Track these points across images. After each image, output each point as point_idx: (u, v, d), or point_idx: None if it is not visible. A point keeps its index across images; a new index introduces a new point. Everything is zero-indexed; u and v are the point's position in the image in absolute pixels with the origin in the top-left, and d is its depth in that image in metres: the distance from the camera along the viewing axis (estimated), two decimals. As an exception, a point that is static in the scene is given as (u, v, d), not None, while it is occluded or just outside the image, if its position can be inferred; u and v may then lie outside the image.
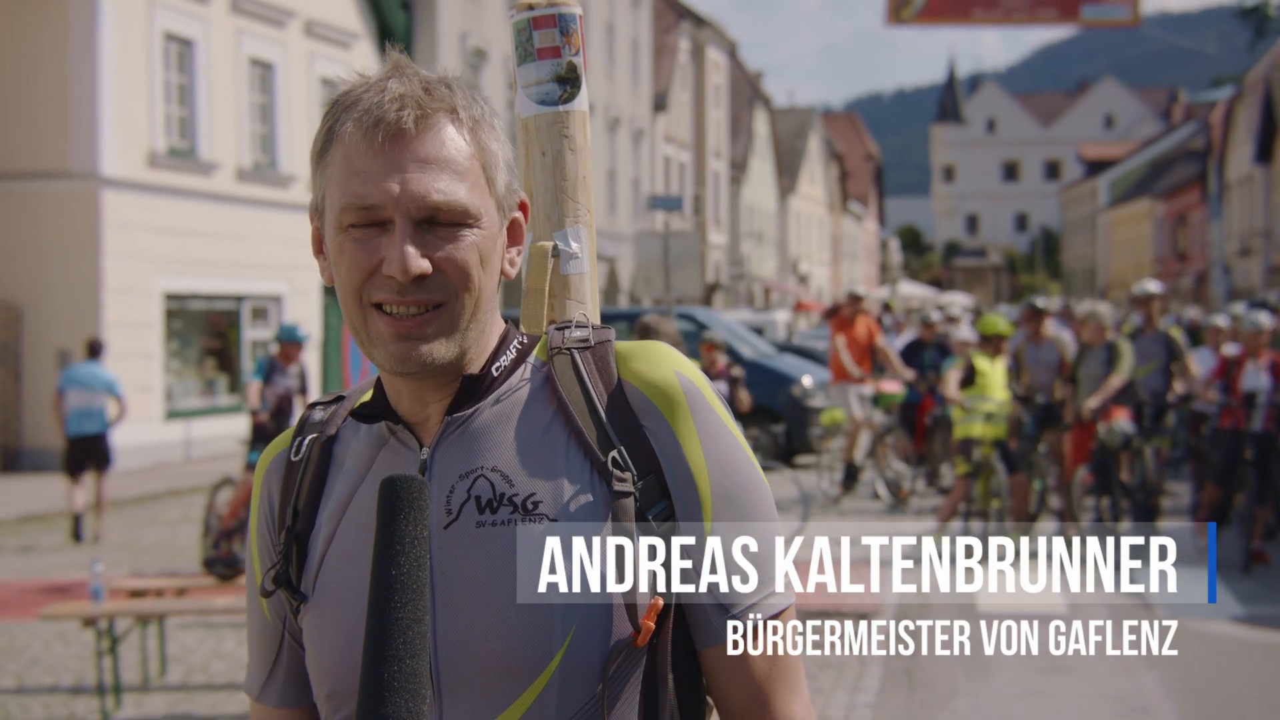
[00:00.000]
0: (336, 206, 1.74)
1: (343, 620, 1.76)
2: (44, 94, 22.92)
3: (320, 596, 1.80)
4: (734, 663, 1.76)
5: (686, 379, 1.78)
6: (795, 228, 76.13)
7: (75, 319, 22.82)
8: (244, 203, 26.36)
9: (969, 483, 12.96)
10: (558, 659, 1.68)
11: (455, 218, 1.72)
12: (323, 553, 1.81)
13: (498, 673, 1.69)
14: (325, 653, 1.78)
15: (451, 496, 1.74)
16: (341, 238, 1.74)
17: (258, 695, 1.95)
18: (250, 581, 1.92)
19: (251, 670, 1.96)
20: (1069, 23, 35.57)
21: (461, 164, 1.73)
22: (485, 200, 1.76)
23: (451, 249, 1.72)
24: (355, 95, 1.75)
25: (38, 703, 8.71)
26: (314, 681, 1.82)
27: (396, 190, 1.70)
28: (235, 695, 8.75)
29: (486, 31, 35.66)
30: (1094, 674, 9.05)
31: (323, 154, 1.77)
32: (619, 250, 44.11)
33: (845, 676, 8.92)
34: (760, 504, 1.79)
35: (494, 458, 1.75)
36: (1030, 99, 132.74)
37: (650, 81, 50.30)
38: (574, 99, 2.02)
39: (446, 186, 1.71)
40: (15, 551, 15.16)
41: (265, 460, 1.94)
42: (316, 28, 28.67)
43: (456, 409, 1.78)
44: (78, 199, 22.84)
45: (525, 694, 1.68)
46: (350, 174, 1.72)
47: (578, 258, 2.02)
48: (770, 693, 1.77)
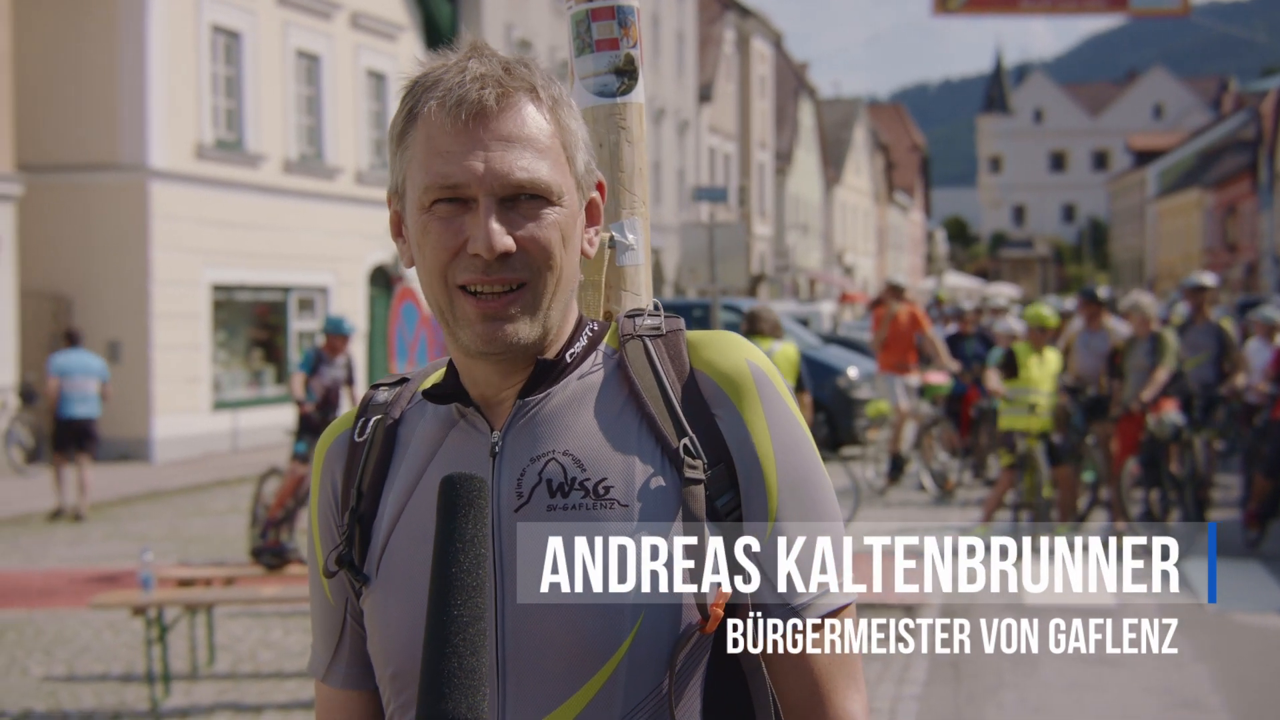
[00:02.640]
0: (419, 186, 1.74)
1: (408, 602, 1.76)
2: (93, 87, 23.08)
3: (384, 578, 1.80)
4: (795, 658, 1.75)
5: (758, 368, 1.78)
6: (840, 219, 75.90)
7: (124, 310, 22.99)
8: (290, 194, 26.48)
9: (1013, 475, 12.90)
10: (626, 645, 1.68)
11: (538, 195, 1.73)
12: (387, 534, 1.81)
13: (565, 658, 1.69)
14: (390, 635, 1.78)
15: (522, 480, 1.74)
16: (425, 218, 1.74)
17: (323, 676, 1.95)
18: (312, 563, 1.93)
19: (316, 652, 1.97)
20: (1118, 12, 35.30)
21: (543, 142, 1.74)
22: (566, 179, 1.76)
23: (534, 227, 1.72)
24: (435, 76, 1.75)
25: (88, 690, 8.78)
26: (377, 664, 1.83)
27: (480, 168, 1.70)
28: (283, 684, 8.80)
29: (531, 22, 35.68)
30: (1142, 667, 8.99)
31: (403, 136, 1.77)
32: (664, 242, 44.09)
33: (891, 669, 8.90)
34: (824, 498, 1.79)
35: (565, 442, 1.75)
36: (1078, 89, 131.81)
37: (695, 73, 50.23)
38: (631, 91, 2.02)
39: (529, 164, 1.72)
40: (65, 541, 15.29)
41: (326, 441, 1.93)
42: (362, 19, 28.76)
43: (529, 393, 1.78)
44: (126, 191, 23.00)
45: (592, 680, 1.68)
46: (433, 154, 1.72)
47: (633, 249, 2.02)
48: (830, 689, 1.76)
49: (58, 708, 8.41)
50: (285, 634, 10.14)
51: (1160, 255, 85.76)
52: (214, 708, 8.33)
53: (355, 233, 28.02)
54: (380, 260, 29.10)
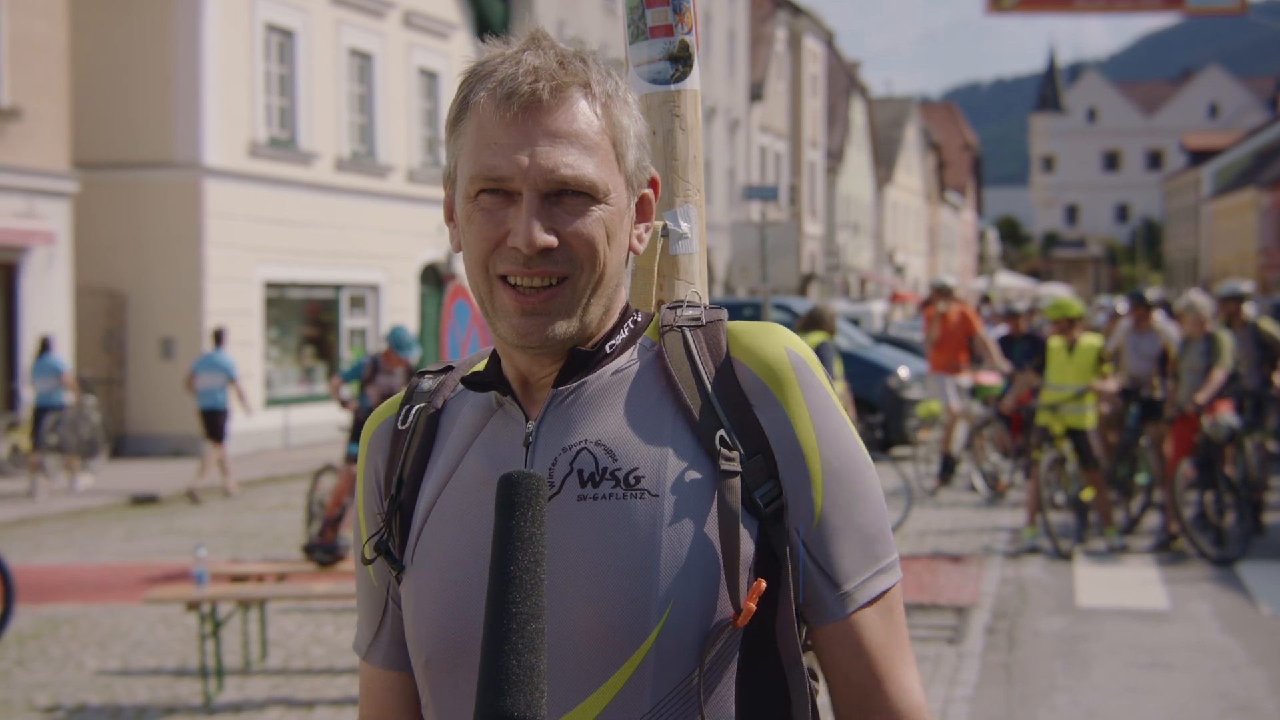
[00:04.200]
0: (467, 176, 1.75)
1: (441, 587, 1.76)
2: (148, 85, 23.27)
3: (419, 563, 1.80)
4: (849, 639, 1.75)
5: (797, 355, 1.77)
6: (891, 218, 75.63)
7: (178, 307, 23.17)
8: (343, 192, 26.62)
9: (1045, 471, 12.81)
10: (654, 636, 1.67)
11: (582, 192, 1.72)
12: (423, 522, 1.82)
13: (594, 649, 1.68)
14: (423, 620, 1.78)
15: (554, 469, 1.74)
16: (470, 207, 1.75)
17: (365, 654, 1.97)
18: (357, 544, 1.94)
19: (360, 629, 1.98)
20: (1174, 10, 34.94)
21: (591, 139, 1.73)
22: (614, 176, 1.75)
23: (578, 223, 1.72)
24: (491, 66, 1.76)
25: (142, 684, 8.85)
26: (411, 649, 1.83)
27: (526, 163, 1.70)
28: (335, 680, 8.84)
29: (584, 20, 35.73)
30: (1197, 670, 8.90)
31: (456, 123, 1.78)
32: (714, 240, 44.06)
33: (942, 670, 8.84)
34: (868, 481, 1.78)
35: (597, 431, 1.74)
36: (1132, 88, 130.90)
37: (746, 71, 50.16)
38: (686, 78, 2.00)
39: (575, 161, 1.71)
40: (120, 537, 15.42)
41: (371, 427, 1.94)
42: (415, 18, 28.87)
43: (563, 382, 1.78)
44: (181, 189, 23.17)
45: (620, 670, 1.68)
46: (482, 144, 1.73)
47: (687, 238, 2.01)
48: (887, 667, 1.76)
49: (112, 701, 8.48)
50: (337, 630, 10.19)
51: (1215, 256, 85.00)
52: (266, 703, 8.37)
53: (407, 230, 28.13)
54: (431, 258, 29.21)
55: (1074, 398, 12.57)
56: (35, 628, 10.47)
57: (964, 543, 13.38)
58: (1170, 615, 10.38)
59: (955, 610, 10.44)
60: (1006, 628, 9.96)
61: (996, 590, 11.18)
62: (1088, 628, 9.97)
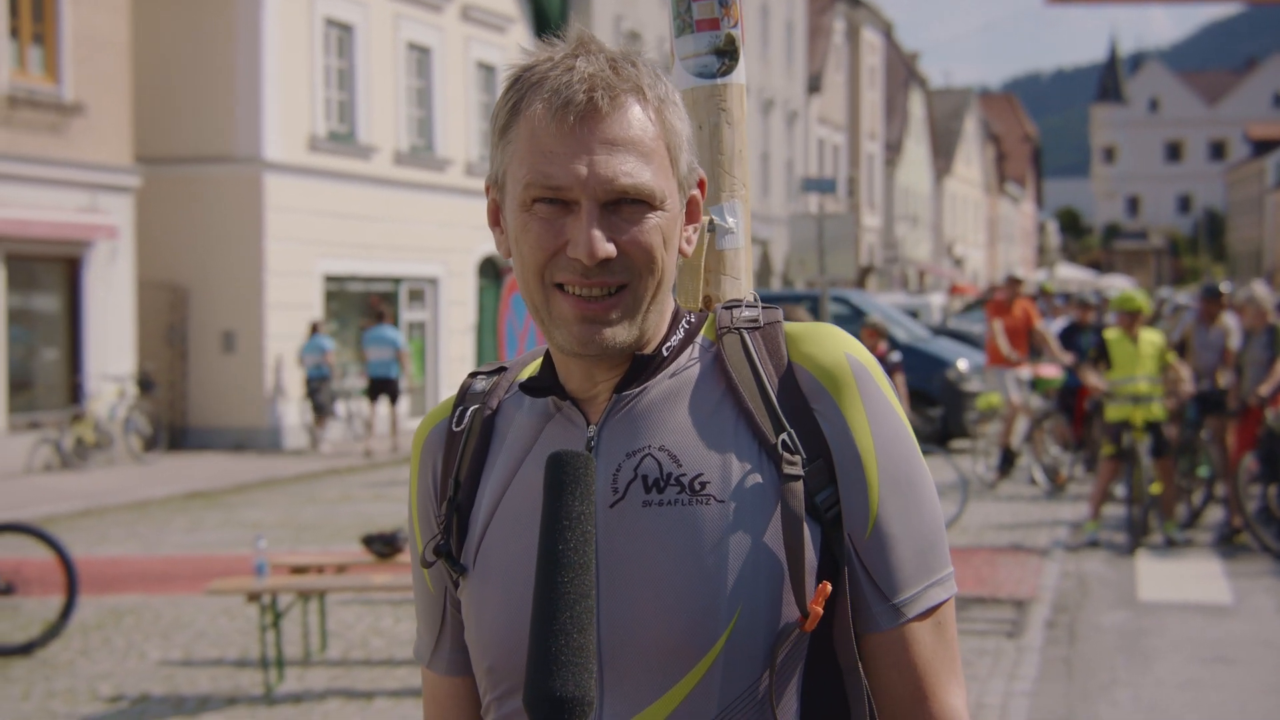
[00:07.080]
0: (520, 183, 1.72)
1: (504, 595, 1.75)
2: (209, 81, 23.46)
3: (481, 570, 1.79)
4: (896, 650, 1.73)
5: (857, 361, 1.76)
6: (950, 210, 75.22)
7: (239, 301, 23.35)
8: (401, 186, 26.73)
9: (1114, 466, 12.67)
10: (722, 642, 1.66)
11: (640, 200, 1.70)
12: (484, 526, 1.81)
13: (661, 654, 1.67)
14: (486, 627, 1.77)
15: (618, 475, 1.73)
16: (525, 216, 1.72)
17: (428, 662, 1.96)
18: (412, 551, 1.92)
19: (421, 637, 1.97)
20: (1237, -2, 34.53)
21: (648, 145, 1.71)
22: (669, 181, 1.73)
23: (636, 232, 1.70)
24: (541, 73, 1.73)
25: (204, 675, 8.93)
26: (474, 655, 1.82)
27: (584, 173, 1.68)
28: (393, 671, 8.89)
29: (641, 14, 35.71)
30: (1260, 665, 8.82)
31: (506, 129, 1.75)
32: (772, 233, 43.96)
33: (1001, 664, 8.79)
34: (925, 490, 1.76)
35: (661, 437, 1.73)
36: (1195, 77, 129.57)
37: (804, 63, 50.01)
38: (732, 72, 1.99)
39: (633, 169, 1.69)
40: (182, 528, 15.56)
41: (425, 429, 1.93)
42: (473, 12, 28.95)
43: (625, 387, 1.76)
44: (241, 183, 23.35)
45: (688, 676, 1.67)
46: (537, 153, 1.70)
47: (733, 233, 2.00)
48: (933, 684, 1.74)
49: (174, 691, 8.56)
50: (396, 622, 10.25)
51: (1279, 247, 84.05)
52: (326, 694, 8.43)
53: (465, 224, 28.21)
54: (490, 251, 29.28)
55: (1148, 387, 12.43)
56: (99, 618, 10.58)
57: (1024, 536, 13.30)
58: (1233, 609, 10.29)
59: (1015, 604, 10.38)
60: (1067, 622, 9.90)
61: (1057, 584, 11.10)
62: (1149, 622, 9.89)
